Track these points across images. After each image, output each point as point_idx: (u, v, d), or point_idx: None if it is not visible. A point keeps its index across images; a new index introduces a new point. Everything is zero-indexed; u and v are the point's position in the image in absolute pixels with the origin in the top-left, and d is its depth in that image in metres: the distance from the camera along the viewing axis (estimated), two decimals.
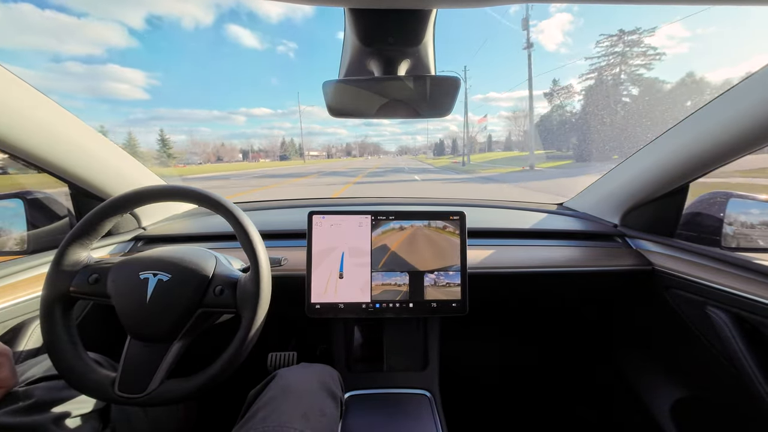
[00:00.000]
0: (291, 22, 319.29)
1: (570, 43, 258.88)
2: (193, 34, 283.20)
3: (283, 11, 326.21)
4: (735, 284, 0.73)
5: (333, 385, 0.70)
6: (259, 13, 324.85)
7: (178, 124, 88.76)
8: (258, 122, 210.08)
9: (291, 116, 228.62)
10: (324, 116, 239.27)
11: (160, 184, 0.65)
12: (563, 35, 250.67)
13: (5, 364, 0.51)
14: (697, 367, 0.90)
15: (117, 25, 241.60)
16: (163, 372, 0.57)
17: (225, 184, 16.38)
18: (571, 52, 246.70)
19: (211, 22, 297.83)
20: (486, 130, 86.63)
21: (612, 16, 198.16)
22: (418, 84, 0.61)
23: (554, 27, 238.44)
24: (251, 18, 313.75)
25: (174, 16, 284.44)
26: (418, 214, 0.86)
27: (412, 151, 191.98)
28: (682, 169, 0.84)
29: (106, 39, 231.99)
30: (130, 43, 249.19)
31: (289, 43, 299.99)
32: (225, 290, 0.61)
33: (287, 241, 1.02)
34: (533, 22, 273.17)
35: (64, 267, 0.58)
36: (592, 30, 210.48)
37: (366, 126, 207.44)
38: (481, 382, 1.37)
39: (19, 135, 0.72)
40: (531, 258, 0.97)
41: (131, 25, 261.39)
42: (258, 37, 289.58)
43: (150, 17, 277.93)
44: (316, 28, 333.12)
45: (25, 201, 0.84)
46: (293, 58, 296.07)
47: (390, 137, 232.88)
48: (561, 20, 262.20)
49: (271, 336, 0.82)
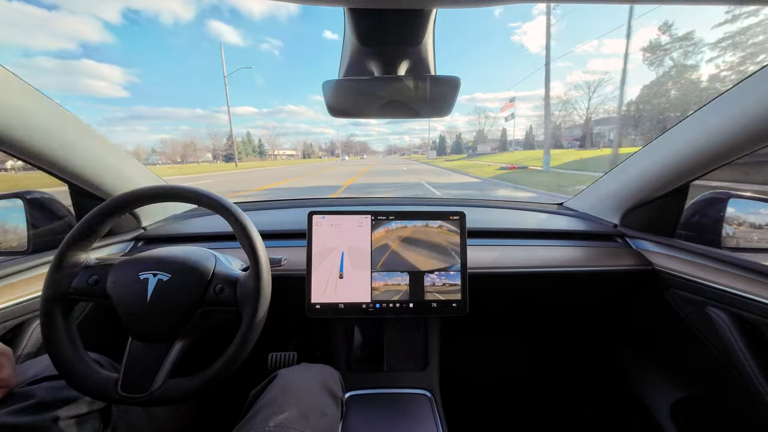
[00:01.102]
0: (275, 20, 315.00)
1: (553, 45, 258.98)
2: (172, 29, 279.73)
3: (267, 8, 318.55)
4: (735, 284, 0.73)
5: (333, 385, 0.70)
6: (242, 9, 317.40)
7: (160, 123, 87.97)
8: (243, 121, 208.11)
9: (276, 115, 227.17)
10: (310, 116, 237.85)
11: (158, 185, 0.65)
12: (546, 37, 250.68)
13: (6, 365, 0.52)
14: (697, 367, 0.90)
15: (91, 19, 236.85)
16: (165, 371, 0.57)
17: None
18: (553, 54, 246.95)
19: (192, 18, 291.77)
20: (513, 118, 59.41)
21: (593, 20, 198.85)
22: (418, 84, 0.61)
23: (536, 29, 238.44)
24: (233, 14, 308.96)
25: (152, 10, 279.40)
26: (418, 214, 0.86)
27: (400, 150, 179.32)
28: (682, 169, 0.84)
29: (80, 33, 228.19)
30: (106, 38, 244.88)
31: (273, 41, 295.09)
32: (225, 288, 0.61)
33: (287, 241, 1.02)
34: (516, 24, 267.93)
35: (64, 269, 0.58)
36: (574, 32, 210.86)
37: (353, 126, 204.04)
38: (481, 382, 1.37)
39: (19, 135, 0.72)
40: (531, 258, 0.97)
41: (106, 19, 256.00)
42: (241, 34, 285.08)
43: (126, 11, 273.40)
44: (300, 27, 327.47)
45: (25, 201, 0.84)
46: (278, 56, 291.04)
47: (378, 137, 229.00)
48: (543, 22, 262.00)
49: (271, 336, 0.82)
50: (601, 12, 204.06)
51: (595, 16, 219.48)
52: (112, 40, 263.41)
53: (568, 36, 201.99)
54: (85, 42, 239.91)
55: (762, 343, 0.70)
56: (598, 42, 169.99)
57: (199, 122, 68.01)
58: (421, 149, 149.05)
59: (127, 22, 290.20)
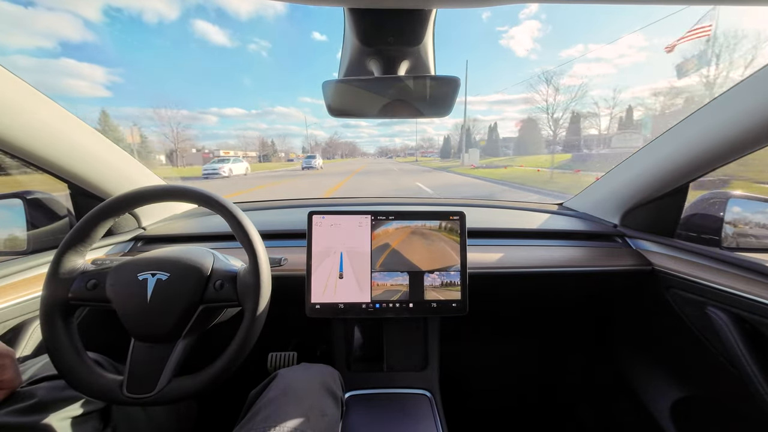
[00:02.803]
0: (262, 20, 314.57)
1: (539, 49, 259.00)
2: (156, 28, 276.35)
3: (254, 8, 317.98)
4: (735, 284, 0.73)
5: (333, 385, 0.70)
6: (228, 9, 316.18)
7: (146, 124, 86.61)
8: (231, 123, 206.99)
9: (266, 116, 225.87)
10: (301, 118, 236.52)
11: (157, 185, 0.65)
12: (533, 41, 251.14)
13: (9, 366, 0.52)
14: (697, 367, 0.90)
15: (70, 17, 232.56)
16: (170, 370, 0.56)
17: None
18: (539, 58, 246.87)
19: (176, 17, 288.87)
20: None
21: (576, 24, 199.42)
22: (418, 84, 0.61)
23: (524, 33, 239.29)
24: (219, 14, 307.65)
25: (135, 9, 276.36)
26: (418, 214, 0.86)
27: (392, 153, 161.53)
28: (682, 169, 0.84)
29: (58, 31, 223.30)
30: (87, 36, 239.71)
31: (261, 42, 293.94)
32: (225, 284, 0.61)
33: (287, 241, 1.02)
34: (504, 28, 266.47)
35: (61, 275, 0.57)
36: (560, 37, 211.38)
37: (344, 128, 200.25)
38: (481, 382, 1.37)
39: (19, 135, 0.72)
40: (531, 258, 0.97)
41: (87, 17, 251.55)
42: (227, 35, 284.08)
43: (108, 9, 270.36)
44: (288, 28, 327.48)
45: (25, 201, 0.84)
46: (266, 57, 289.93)
47: (368, 138, 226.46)
48: (530, 27, 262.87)
49: (271, 336, 0.82)
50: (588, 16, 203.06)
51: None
52: (94, 39, 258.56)
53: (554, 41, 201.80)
54: (64, 40, 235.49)
55: (762, 343, 0.70)
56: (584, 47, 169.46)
57: (185, 123, 65.00)
58: (420, 151, 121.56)
59: (108, 19, 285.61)
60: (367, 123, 29.18)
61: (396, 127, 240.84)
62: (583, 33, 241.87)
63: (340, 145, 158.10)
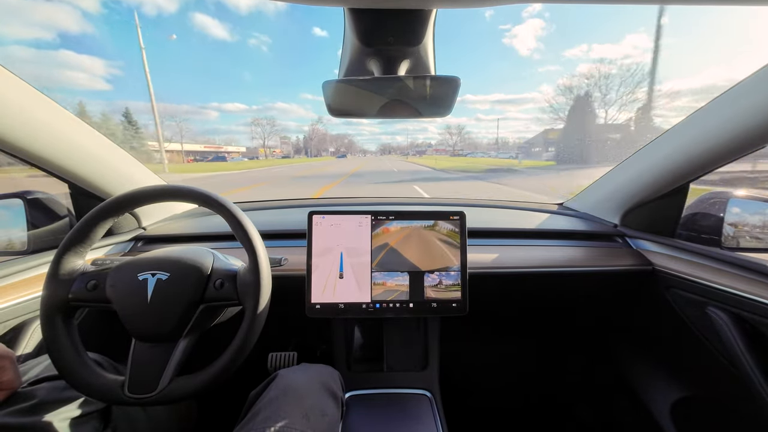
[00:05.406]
0: (262, 15, 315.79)
1: (542, 48, 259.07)
2: (155, 20, 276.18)
3: (254, 3, 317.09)
4: (735, 284, 0.73)
5: (333, 385, 0.70)
6: (228, 3, 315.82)
7: (146, 118, 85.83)
8: (234, 118, 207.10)
9: (267, 112, 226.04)
10: (300, 114, 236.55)
11: (157, 185, 0.64)
12: (536, 41, 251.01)
13: (9, 368, 0.52)
14: (697, 367, 0.90)
15: (68, 8, 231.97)
16: (171, 370, 0.56)
17: None
18: (543, 57, 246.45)
19: (176, 10, 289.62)
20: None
21: (581, 23, 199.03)
22: (418, 84, 0.61)
23: (527, 32, 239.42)
24: (219, 8, 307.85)
25: (134, 1, 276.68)
26: (418, 214, 0.86)
27: (395, 150, 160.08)
28: (682, 169, 0.84)
29: (57, 22, 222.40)
30: (86, 28, 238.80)
31: (261, 37, 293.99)
32: (225, 283, 0.61)
33: (287, 241, 1.02)
34: (507, 26, 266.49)
35: (61, 276, 0.57)
36: (563, 35, 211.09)
37: (345, 125, 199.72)
38: (481, 382, 1.37)
39: (19, 135, 0.72)
40: (531, 258, 0.97)
41: (85, 9, 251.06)
42: (228, 29, 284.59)
43: (106, 0, 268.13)
44: (288, 23, 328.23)
45: (25, 201, 0.84)
46: (266, 52, 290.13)
47: (369, 136, 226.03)
48: (533, 25, 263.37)
49: (271, 336, 0.82)
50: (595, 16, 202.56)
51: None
52: (93, 31, 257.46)
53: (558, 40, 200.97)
54: (63, 32, 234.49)
55: (762, 343, 0.70)
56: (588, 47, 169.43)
57: (185, 118, 64.41)
58: (432, 149, 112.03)
59: (107, 11, 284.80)
60: (368, 121, 28.60)
61: (400, 125, 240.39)
62: (587, 32, 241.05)
63: (333, 140, 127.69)
